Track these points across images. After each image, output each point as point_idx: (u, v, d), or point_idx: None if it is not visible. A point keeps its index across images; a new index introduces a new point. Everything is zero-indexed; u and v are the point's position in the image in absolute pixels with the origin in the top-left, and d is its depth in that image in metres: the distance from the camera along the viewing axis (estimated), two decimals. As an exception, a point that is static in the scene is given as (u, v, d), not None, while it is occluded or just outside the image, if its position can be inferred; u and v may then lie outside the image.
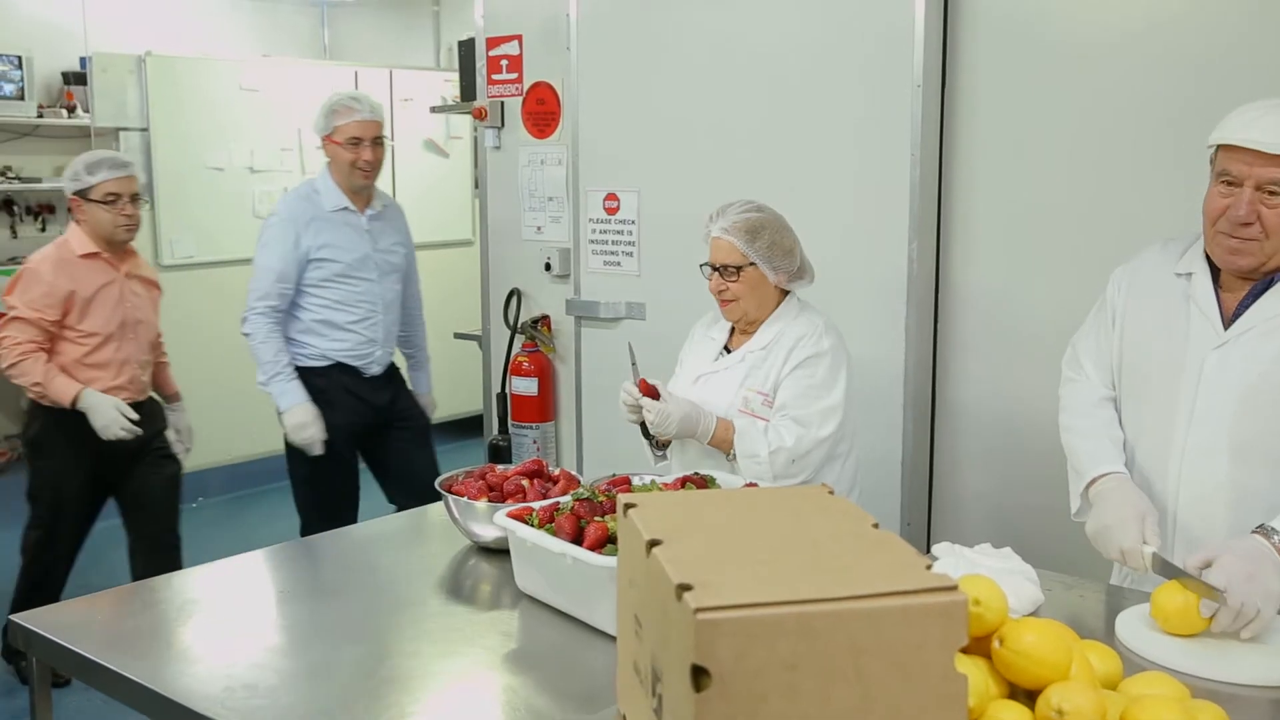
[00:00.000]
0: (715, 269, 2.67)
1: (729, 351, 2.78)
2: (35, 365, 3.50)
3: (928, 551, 2.14)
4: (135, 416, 3.53)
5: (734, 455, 2.63)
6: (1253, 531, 1.94)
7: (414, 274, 4.08)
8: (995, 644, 1.40)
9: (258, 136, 6.08)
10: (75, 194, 3.58)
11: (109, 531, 5.57)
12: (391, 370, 3.99)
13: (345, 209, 3.75)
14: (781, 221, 2.69)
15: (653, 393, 2.65)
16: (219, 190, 5.96)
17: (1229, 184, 1.99)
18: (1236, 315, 2.06)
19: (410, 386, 4.12)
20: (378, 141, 3.70)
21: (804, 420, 2.61)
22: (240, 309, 3.77)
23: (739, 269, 2.64)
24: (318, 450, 3.72)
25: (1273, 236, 1.97)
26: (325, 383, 3.76)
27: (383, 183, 6.77)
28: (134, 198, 3.62)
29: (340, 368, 3.80)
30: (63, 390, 3.51)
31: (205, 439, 5.99)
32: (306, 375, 3.74)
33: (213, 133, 5.91)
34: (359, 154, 3.66)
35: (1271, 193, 1.95)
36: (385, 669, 1.82)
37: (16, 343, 3.50)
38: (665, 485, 2.29)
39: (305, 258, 3.70)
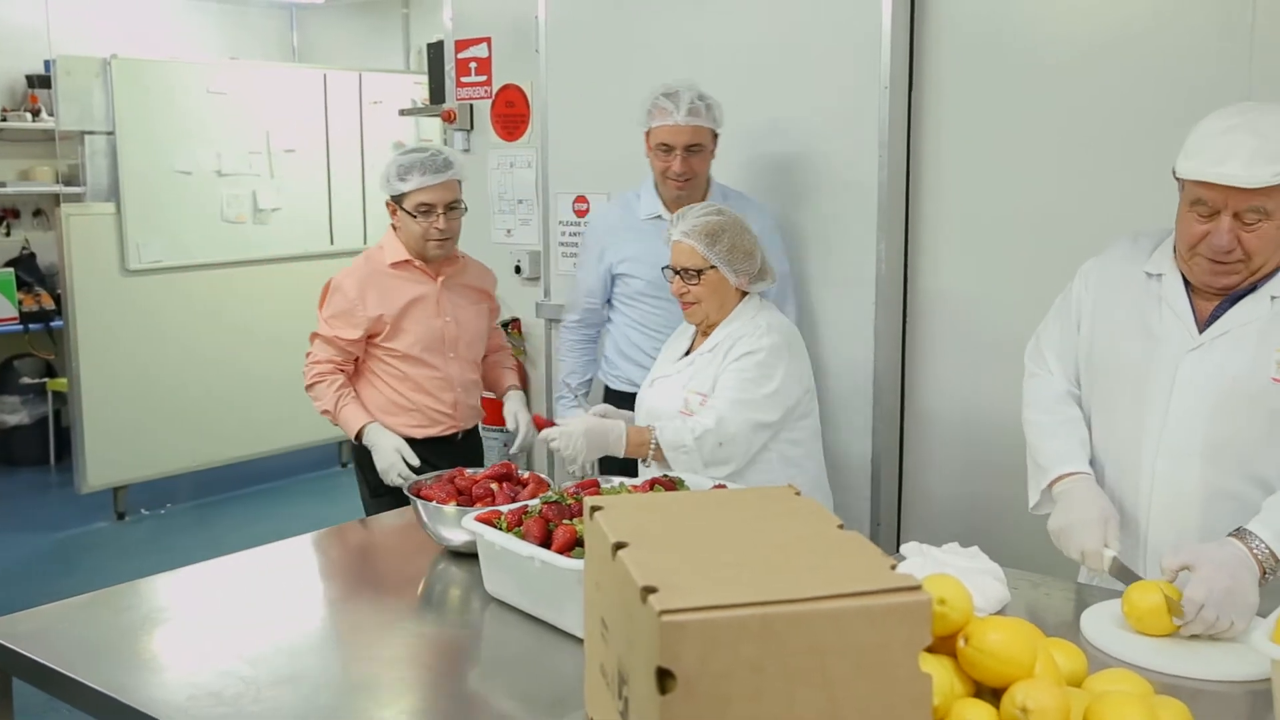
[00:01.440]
0: (677, 272, 2.68)
1: (689, 354, 2.78)
2: (327, 390, 3.10)
3: (896, 551, 2.15)
4: (416, 463, 2.96)
5: (650, 459, 2.61)
6: (1230, 534, 1.95)
7: (782, 304, 3.27)
8: (961, 643, 1.41)
9: (226, 140, 6.04)
10: (390, 198, 3.13)
11: (81, 538, 5.52)
12: None
13: (659, 218, 3.19)
14: (742, 224, 2.70)
15: (548, 425, 2.65)
16: (187, 194, 5.91)
17: (1205, 214, 1.99)
18: (1211, 319, 2.07)
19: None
20: (694, 149, 3.10)
21: (729, 402, 2.60)
22: (210, 313, 3.69)
23: (700, 272, 2.65)
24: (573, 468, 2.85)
25: (1255, 257, 1.99)
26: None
27: (351, 186, 6.76)
28: (451, 207, 3.08)
29: (630, 398, 3.14)
30: (349, 421, 3.07)
31: (174, 445, 5.98)
32: (617, 401, 3.16)
33: (180, 136, 5.86)
34: (669, 163, 3.11)
35: (1250, 220, 1.96)
36: (352, 675, 1.81)
37: (315, 361, 3.13)
38: (633, 487, 2.28)
39: (610, 271, 3.28)
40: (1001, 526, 3.09)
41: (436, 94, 4.50)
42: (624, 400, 3.11)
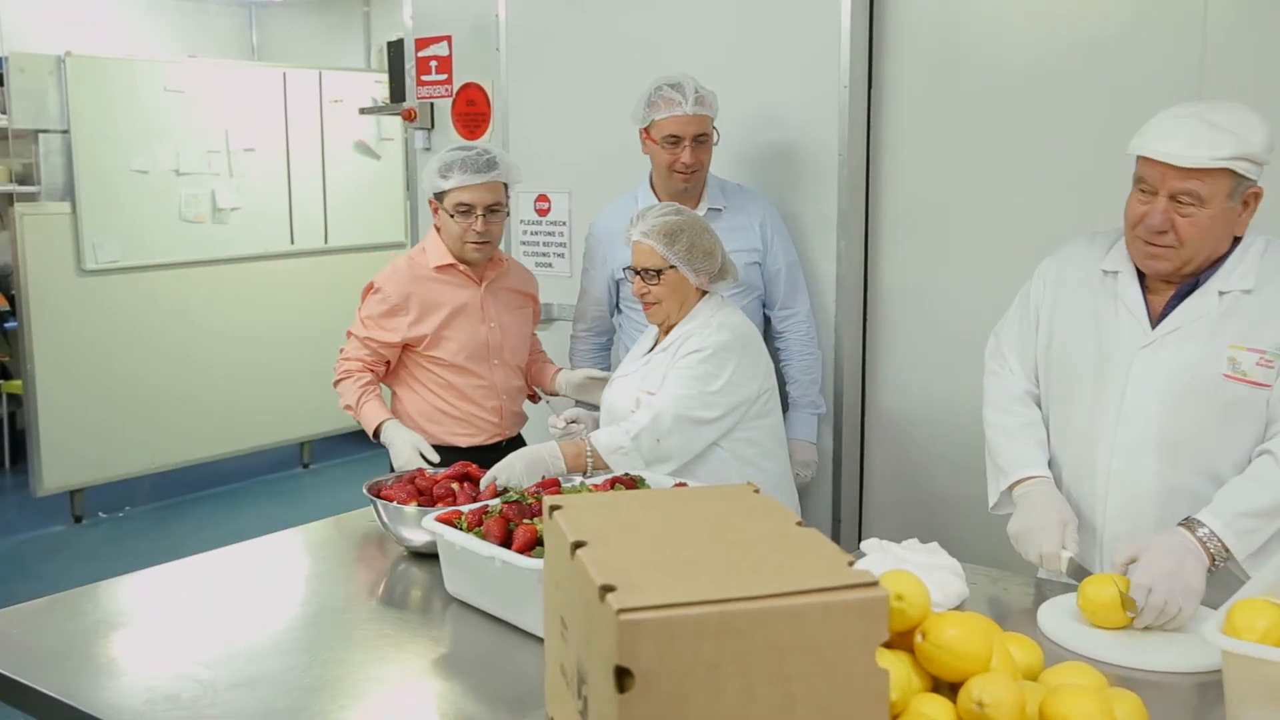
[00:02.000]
0: (637, 272, 2.69)
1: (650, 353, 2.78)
2: (352, 386, 2.96)
3: (857, 548, 2.16)
4: (436, 459, 2.76)
5: (591, 469, 2.57)
6: (1179, 524, 1.99)
7: (792, 293, 3.23)
8: (918, 638, 1.42)
9: (184, 139, 5.98)
10: (431, 195, 2.98)
11: (37, 542, 5.45)
12: None
13: None
14: (702, 224, 2.70)
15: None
16: (144, 194, 5.85)
17: (1146, 191, 2.03)
18: (1163, 315, 2.10)
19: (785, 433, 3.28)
20: (701, 140, 3.04)
21: (669, 398, 2.60)
22: (169, 314, 3.65)
23: (659, 272, 2.66)
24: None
25: (1187, 244, 2.02)
26: None
27: (311, 185, 6.71)
28: (492, 209, 2.93)
29: None
30: (369, 417, 2.92)
31: (132, 447, 5.92)
32: None
33: (137, 135, 5.80)
34: (677, 155, 3.02)
35: (1184, 203, 1.99)
36: (311, 677, 1.80)
37: (346, 359, 3.00)
38: (594, 486, 2.29)
39: (613, 277, 3.21)
40: (962, 523, 3.12)
41: (397, 92, 4.48)
42: None
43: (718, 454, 2.67)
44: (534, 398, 3.21)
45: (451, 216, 2.91)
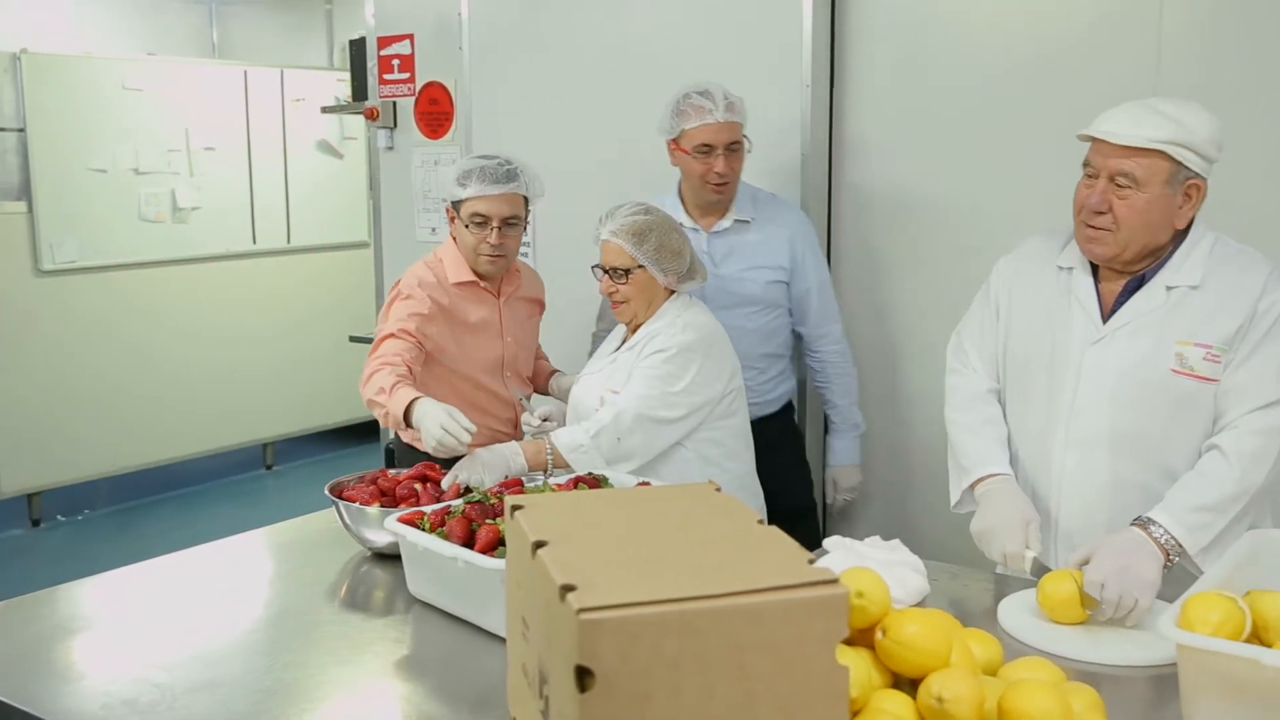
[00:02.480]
0: (605, 271, 2.69)
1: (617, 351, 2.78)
2: (386, 375, 2.61)
3: (820, 545, 2.17)
4: (467, 435, 2.42)
5: (552, 468, 2.56)
6: (1131, 523, 2.01)
7: (824, 313, 3.11)
8: (878, 635, 1.42)
9: (143, 138, 5.92)
10: (449, 204, 2.86)
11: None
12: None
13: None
14: (671, 223, 2.70)
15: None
16: (102, 193, 5.79)
17: (1090, 175, 2.07)
18: (1114, 310, 2.13)
19: (828, 459, 3.26)
20: (734, 148, 2.92)
21: (631, 397, 2.60)
22: (129, 315, 3.58)
23: (628, 271, 2.66)
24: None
25: (1123, 227, 2.05)
26: None
27: (273, 184, 6.65)
28: (509, 222, 2.81)
29: None
30: (400, 398, 2.52)
31: (91, 449, 5.85)
32: None
33: (95, 133, 5.74)
34: (710, 165, 2.90)
35: (1121, 184, 2.02)
36: (271, 680, 1.78)
37: (379, 358, 2.68)
38: (558, 486, 2.28)
39: None
40: (924, 520, 3.14)
41: (359, 91, 4.46)
42: None
43: (682, 454, 2.67)
44: None
45: (466, 227, 2.80)
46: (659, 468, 2.63)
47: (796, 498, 3.15)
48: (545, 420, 2.80)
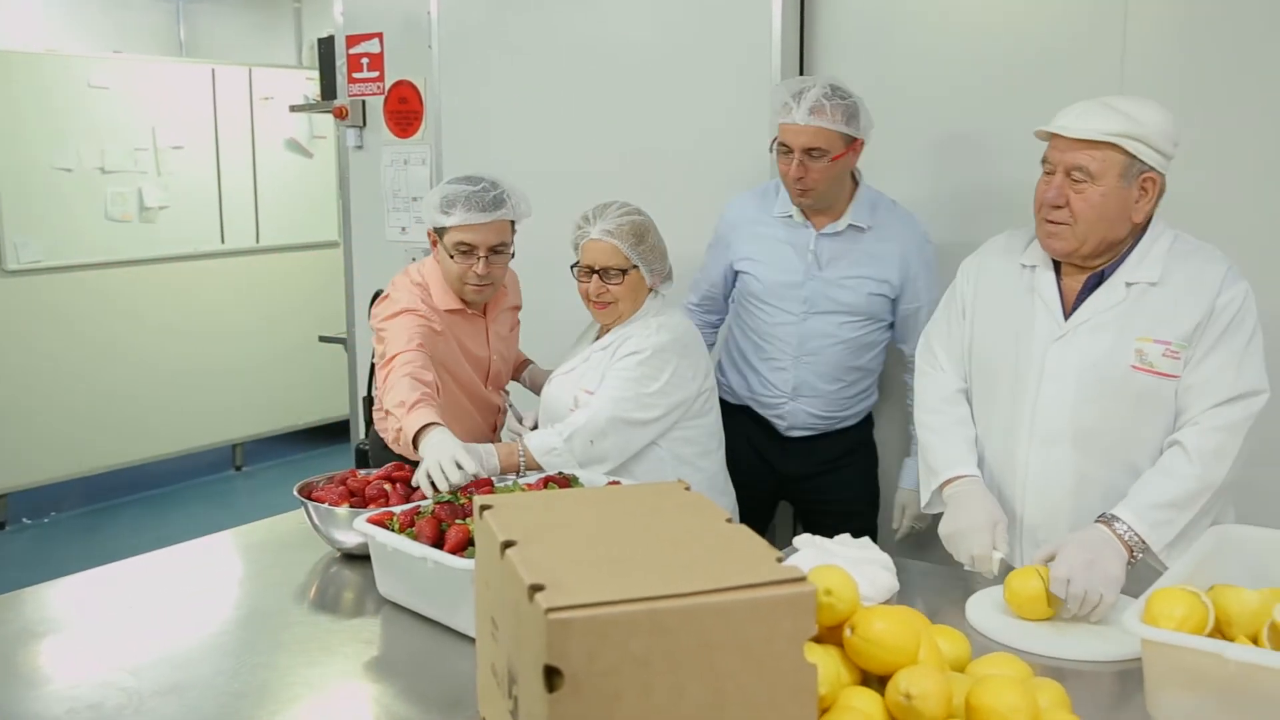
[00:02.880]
0: (595, 272, 2.65)
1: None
2: (409, 385, 2.50)
3: (791, 544, 2.18)
4: (461, 476, 2.26)
5: (524, 470, 2.54)
6: (1096, 520, 2.03)
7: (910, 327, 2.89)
8: (847, 632, 1.43)
9: (109, 136, 5.86)
10: (432, 228, 2.75)
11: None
12: (818, 439, 2.93)
13: (789, 217, 2.85)
14: (655, 224, 2.71)
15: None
16: (68, 192, 5.72)
17: (1048, 172, 2.10)
18: (1076, 308, 2.15)
19: (901, 481, 3.03)
20: (814, 155, 2.68)
21: (605, 399, 2.59)
22: (95, 315, 3.54)
23: (624, 271, 2.63)
24: None
25: (1080, 221, 2.07)
26: (731, 428, 2.90)
27: (242, 184, 6.58)
28: (496, 250, 2.70)
29: (746, 414, 2.97)
30: (419, 417, 2.42)
31: (58, 451, 5.79)
32: (728, 414, 2.91)
33: (59, 132, 5.67)
34: (787, 167, 2.72)
35: (1077, 179, 2.04)
36: (239, 683, 1.77)
37: (393, 376, 2.55)
38: (528, 485, 2.28)
39: (732, 267, 2.95)
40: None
41: (328, 90, 4.44)
42: (725, 412, 2.84)
43: (655, 453, 2.66)
44: None
45: (451, 256, 2.69)
46: (633, 467, 2.63)
47: (860, 519, 2.97)
48: (533, 429, 2.77)
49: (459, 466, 2.26)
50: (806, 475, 2.96)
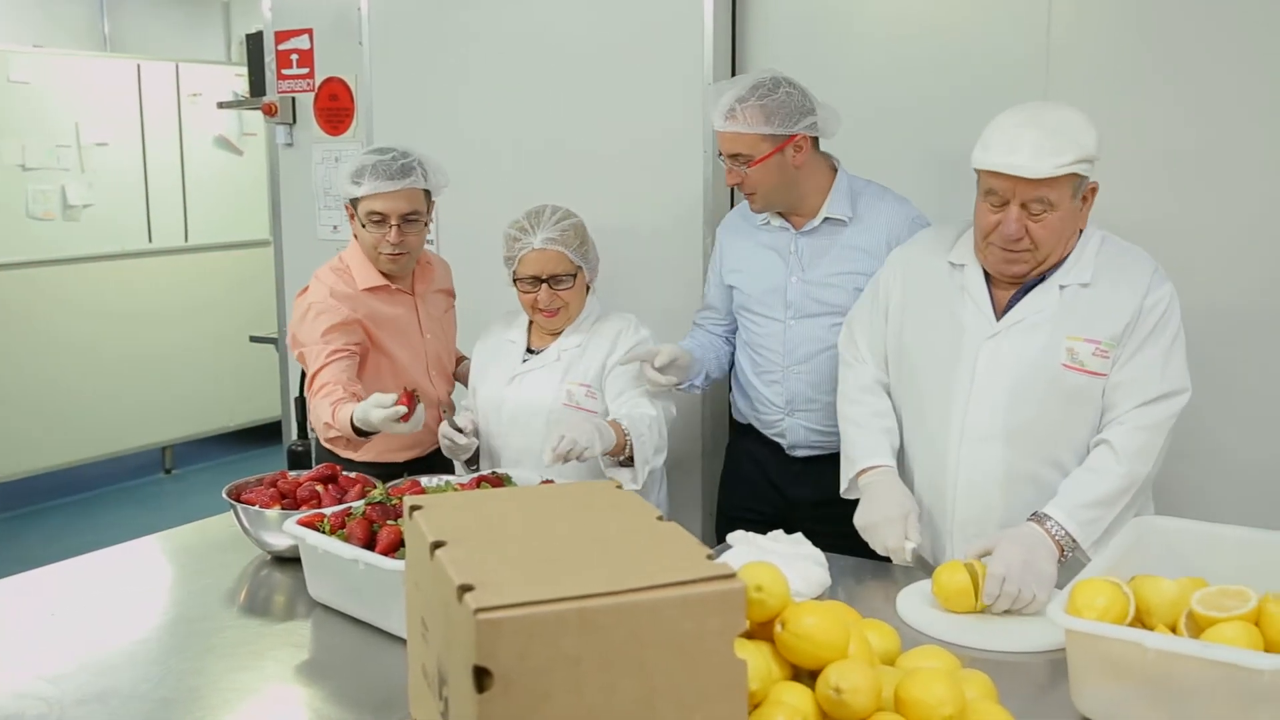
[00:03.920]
0: (543, 281, 2.62)
1: (533, 352, 2.76)
2: (324, 404, 2.56)
3: (724, 540, 2.19)
4: (393, 412, 2.39)
5: (609, 462, 2.53)
6: (1028, 519, 2.07)
7: None
8: (777, 628, 1.44)
9: (30, 133, 5.73)
10: (347, 201, 2.76)
11: None
12: (828, 462, 2.54)
13: (768, 223, 2.68)
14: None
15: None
16: (-13, 190, 5.59)
17: (996, 204, 2.09)
18: (1009, 307, 2.18)
19: None
20: (738, 160, 2.54)
21: (644, 396, 2.64)
22: (16, 316, 3.45)
23: (573, 276, 2.64)
24: None
25: (1041, 246, 2.10)
26: (735, 448, 2.89)
27: (170, 181, 6.46)
28: (408, 218, 2.71)
29: (749, 433, 2.81)
30: (346, 414, 2.49)
31: (-23, 455, 5.64)
32: (739, 433, 2.87)
33: (-22, 128, 5.54)
34: (728, 175, 2.61)
35: (1036, 211, 2.06)
36: (166, 689, 1.74)
37: (317, 396, 2.60)
38: (460, 485, 2.27)
39: (723, 279, 2.79)
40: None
41: (257, 86, 4.38)
42: (741, 434, 2.82)
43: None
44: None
45: (364, 226, 2.72)
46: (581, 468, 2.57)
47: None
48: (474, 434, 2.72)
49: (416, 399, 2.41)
50: (817, 502, 2.59)
